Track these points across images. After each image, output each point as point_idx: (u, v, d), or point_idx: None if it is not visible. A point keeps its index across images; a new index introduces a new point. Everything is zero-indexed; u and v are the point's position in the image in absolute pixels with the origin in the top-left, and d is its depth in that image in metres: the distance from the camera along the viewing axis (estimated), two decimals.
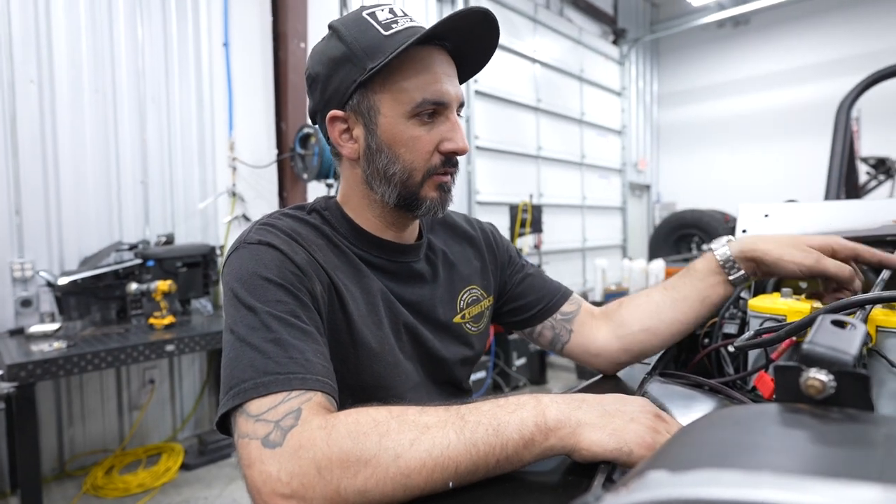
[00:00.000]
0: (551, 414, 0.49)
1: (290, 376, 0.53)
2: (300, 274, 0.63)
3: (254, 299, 0.59)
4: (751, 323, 0.94)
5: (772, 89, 7.88)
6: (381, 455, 0.46)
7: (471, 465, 0.47)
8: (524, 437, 0.48)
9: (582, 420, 0.48)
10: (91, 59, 2.90)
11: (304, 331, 0.59)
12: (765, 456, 0.25)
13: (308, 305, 0.62)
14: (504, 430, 0.48)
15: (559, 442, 0.48)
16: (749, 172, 8.00)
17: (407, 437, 0.47)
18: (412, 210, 0.73)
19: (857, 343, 0.33)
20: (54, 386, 2.75)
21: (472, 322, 0.86)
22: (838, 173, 1.92)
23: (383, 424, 0.49)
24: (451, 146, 0.70)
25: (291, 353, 0.55)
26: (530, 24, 6.13)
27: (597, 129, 7.39)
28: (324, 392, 0.55)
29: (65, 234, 2.80)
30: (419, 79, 0.67)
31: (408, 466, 0.46)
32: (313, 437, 0.48)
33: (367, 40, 0.66)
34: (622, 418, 0.49)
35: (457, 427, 0.48)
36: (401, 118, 0.68)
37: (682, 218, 6.58)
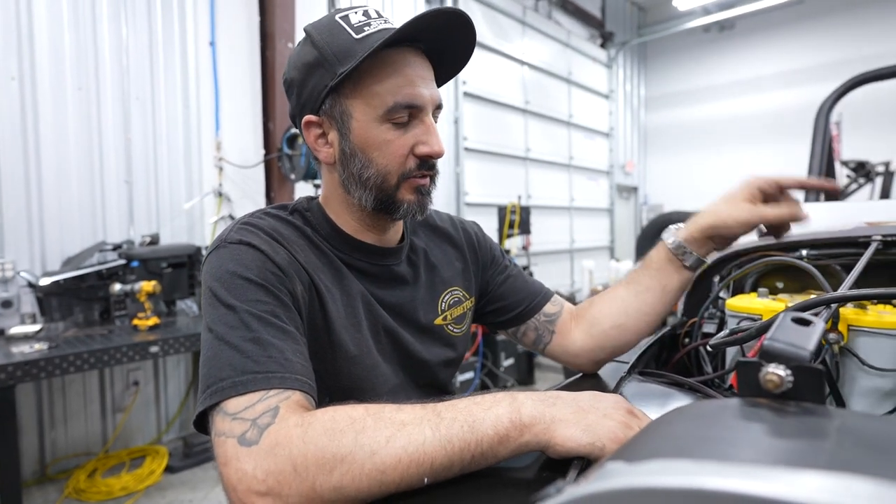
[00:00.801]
0: (526, 410, 0.49)
1: (269, 375, 0.53)
2: (280, 274, 0.63)
3: (233, 298, 0.59)
4: (728, 322, 0.96)
5: (756, 93, 8.01)
6: (356, 452, 0.47)
7: (446, 460, 0.47)
8: (499, 433, 0.48)
9: (556, 416, 0.49)
10: (74, 56, 2.86)
11: (283, 330, 0.58)
12: (719, 447, 0.26)
13: (288, 305, 0.62)
14: (479, 426, 0.48)
15: (534, 438, 0.48)
16: (734, 174, 7.98)
17: (383, 434, 0.48)
18: (390, 213, 0.72)
19: (814, 339, 0.34)
20: (35, 388, 2.71)
21: (454, 324, 0.86)
22: (817, 176, 1.97)
23: (359, 422, 0.49)
24: (425, 149, 0.70)
25: (270, 352, 0.55)
26: (519, 26, 6.16)
27: (585, 132, 7.45)
28: (302, 391, 0.55)
29: (47, 233, 2.76)
30: (391, 82, 0.66)
31: (383, 463, 0.46)
32: (290, 434, 0.48)
33: (338, 44, 0.66)
34: (595, 414, 0.50)
35: (432, 424, 0.49)
36: (373, 122, 0.67)
37: (669, 219, 6.64)
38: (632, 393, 0.74)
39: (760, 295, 0.95)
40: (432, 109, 0.71)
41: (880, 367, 0.70)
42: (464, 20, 0.68)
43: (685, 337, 1.16)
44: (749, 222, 0.74)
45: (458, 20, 0.67)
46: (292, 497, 0.46)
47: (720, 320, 1.05)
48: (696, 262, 0.81)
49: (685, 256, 0.81)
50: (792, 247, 1.03)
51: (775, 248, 1.06)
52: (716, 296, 1.08)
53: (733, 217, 0.75)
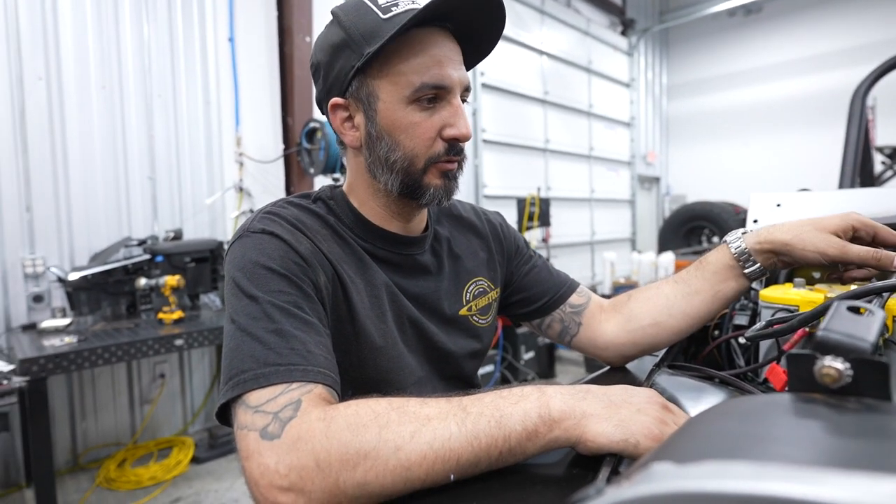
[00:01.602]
0: (555, 405, 0.48)
1: (291, 367, 0.52)
2: (303, 264, 0.62)
3: (256, 289, 0.58)
4: (762, 313, 0.92)
5: (784, 79, 7.75)
6: (380, 447, 0.45)
7: (472, 457, 0.46)
8: (527, 428, 0.47)
9: (587, 411, 0.47)
10: (98, 56, 2.91)
11: (306, 322, 0.58)
12: (776, 447, 0.24)
13: (311, 296, 0.61)
14: (507, 421, 0.47)
15: (563, 433, 0.47)
16: (760, 163, 7.88)
17: (407, 429, 0.46)
18: (416, 198, 0.70)
19: (875, 329, 0.32)
20: (67, 380, 2.79)
21: (480, 314, 0.84)
22: (853, 162, 1.88)
23: (383, 416, 0.48)
24: (453, 132, 0.67)
25: (293, 344, 0.54)
26: (537, 15, 6.07)
27: (605, 122, 7.32)
28: (325, 384, 0.54)
29: (75, 230, 2.82)
30: (418, 62, 0.64)
31: (408, 459, 0.45)
32: (312, 428, 0.47)
33: (365, 25, 0.64)
34: (628, 409, 0.48)
35: (458, 418, 0.47)
36: (400, 104, 0.65)
37: (692, 210, 6.50)
38: (663, 387, 0.71)
39: (797, 285, 0.91)
40: (460, 91, 0.68)
41: None
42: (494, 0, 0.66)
43: (715, 329, 1.12)
44: (828, 255, 0.68)
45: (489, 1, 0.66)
46: (315, 493, 0.45)
47: (752, 311, 1.01)
48: (757, 272, 0.76)
49: (748, 264, 0.76)
50: None
51: None
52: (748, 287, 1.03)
53: (814, 243, 0.69)
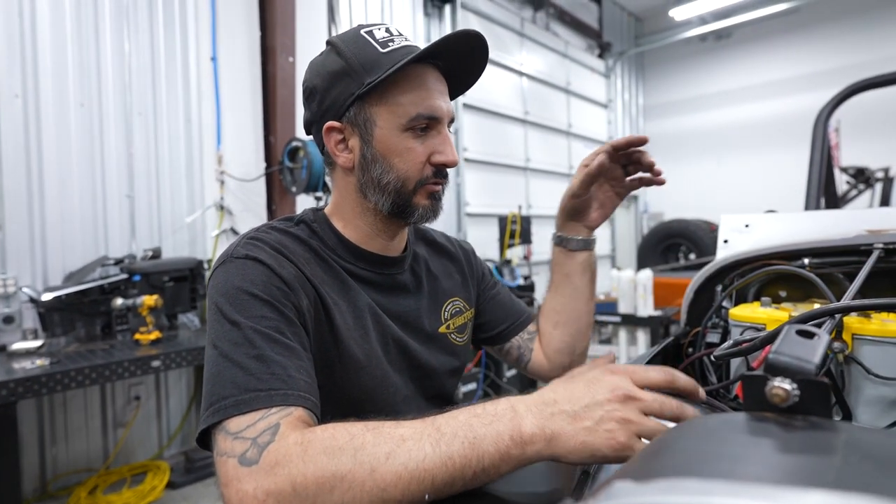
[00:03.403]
0: (526, 427, 0.48)
1: (272, 392, 0.54)
2: (286, 289, 0.64)
3: (238, 314, 0.60)
4: (732, 332, 0.96)
5: (754, 101, 8.05)
6: (356, 470, 0.46)
7: (447, 477, 0.47)
8: (500, 450, 0.48)
9: (556, 431, 0.48)
10: (77, 73, 2.89)
11: (287, 346, 0.59)
12: (725, 464, 0.26)
13: (293, 321, 0.62)
14: (480, 443, 0.48)
15: (535, 454, 0.48)
16: (734, 182, 8.13)
17: (382, 451, 0.48)
18: (405, 217, 0.76)
19: (819, 352, 0.34)
20: (37, 404, 2.70)
21: (457, 333, 0.88)
22: (817, 183, 1.97)
23: (359, 438, 0.49)
24: (441, 158, 0.73)
25: (274, 369, 0.55)
26: (517, 38, 6.22)
27: (584, 141, 7.48)
28: (305, 407, 0.55)
29: (49, 248, 2.76)
30: (414, 94, 0.70)
31: (384, 480, 0.46)
32: (289, 453, 0.48)
33: (366, 56, 0.70)
34: (592, 419, 0.47)
35: (432, 439, 0.48)
36: (396, 130, 0.71)
37: (669, 228, 6.65)
38: None
39: (763, 304, 0.95)
40: (447, 122, 0.75)
41: (885, 376, 0.70)
42: (482, 45, 0.74)
43: (688, 347, 1.15)
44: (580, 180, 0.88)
45: (478, 43, 0.73)
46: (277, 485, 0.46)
47: (724, 330, 1.05)
48: (579, 244, 0.92)
49: (566, 242, 0.93)
50: (794, 255, 1.03)
51: (777, 257, 1.06)
52: (719, 305, 1.07)
53: (570, 187, 0.90)
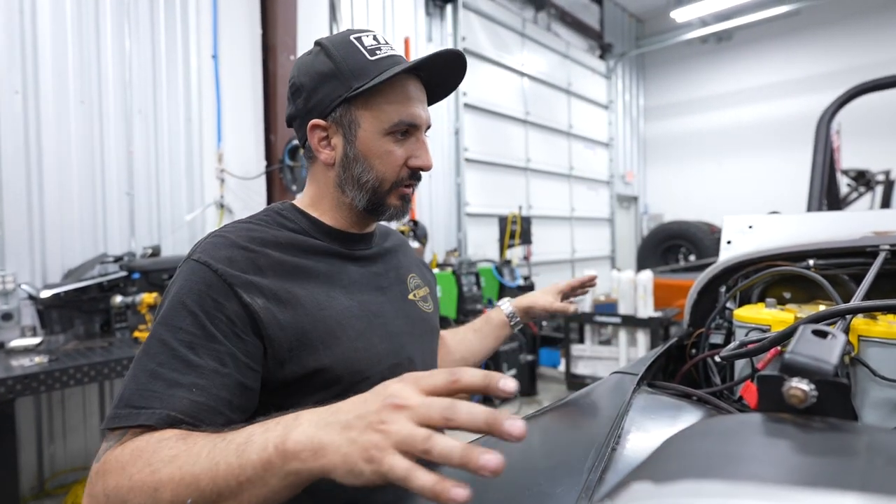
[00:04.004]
0: (295, 436, 0.44)
1: (142, 411, 0.57)
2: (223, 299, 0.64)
3: (161, 321, 0.64)
4: (736, 333, 0.95)
5: (754, 103, 8.06)
6: (142, 471, 0.50)
7: (211, 484, 0.46)
8: (262, 458, 0.45)
9: (324, 442, 0.43)
10: (77, 70, 2.88)
11: (189, 364, 0.60)
12: (747, 466, 0.26)
13: (214, 336, 0.62)
14: (247, 450, 0.46)
15: (301, 465, 0.44)
16: (734, 184, 8.14)
17: (170, 454, 0.50)
18: (377, 215, 0.82)
19: (837, 352, 0.34)
20: (35, 401, 2.68)
21: (422, 301, 0.93)
22: (819, 185, 1.96)
23: (165, 441, 0.52)
24: (418, 162, 0.79)
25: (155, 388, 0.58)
26: (518, 38, 6.22)
27: (584, 142, 7.48)
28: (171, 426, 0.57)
29: (48, 245, 2.75)
30: (398, 102, 0.76)
31: (159, 481, 0.48)
32: (112, 456, 0.54)
33: (355, 62, 0.74)
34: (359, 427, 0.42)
35: (212, 444, 0.48)
36: (377, 134, 0.76)
37: (669, 229, 6.65)
38: (642, 406, 0.73)
39: (768, 305, 0.94)
40: (425, 129, 0.81)
41: (891, 378, 0.69)
42: (462, 61, 0.79)
43: (692, 348, 1.15)
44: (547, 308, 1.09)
45: (458, 61, 0.79)
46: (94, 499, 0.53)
47: (727, 331, 1.04)
48: (519, 325, 1.13)
49: (513, 321, 1.12)
50: (799, 256, 1.03)
51: (782, 258, 1.05)
52: (723, 306, 1.07)
53: (539, 303, 1.09)
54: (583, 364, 4.12)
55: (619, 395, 0.80)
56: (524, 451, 0.61)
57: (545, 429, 0.68)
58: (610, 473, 0.52)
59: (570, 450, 0.59)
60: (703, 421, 0.48)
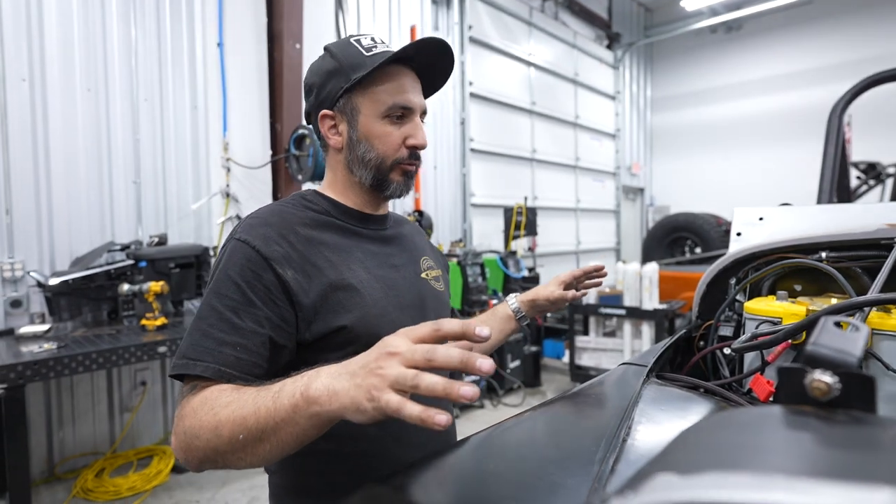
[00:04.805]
0: (315, 385, 0.55)
1: (197, 363, 0.69)
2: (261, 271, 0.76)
3: (213, 291, 0.75)
4: (746, 325, 0.94)
5: (765, 94, 7.96)
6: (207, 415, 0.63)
7: (257, 424, 0.58)
8: (291, 403, 0.56)
9: (336, 388, 0.53)
10: (83, 58, 2.87)
11: (234, 326, 0.72)
12: (773, 458, 0.25)
13: (253, 302, 0.74)
14: (280, 397, 0.57)
15: (321, 408, 0.54)
16: (742, 176, 8.06)
17: (227, 400, 0.62)
18: (382, 190, 0.90)
19: (860, 344, 0.33)
20: (44, 387, 2.72)
21: (435, 281, 1.00)
22: (831, 177, 1.94)
23: (226, 392, 0.64)
24: (413, 141, 0.88)
25: (207, 345, 0.71)
26: (525, 27, 6.15)
27: (591, 133, 7.42)
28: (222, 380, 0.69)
29: (56, 233, 2.77)
30: (391, 88, 0.86)
31: (220, 421, 0.61)
32: (187, 403, 0.67)
33: (353, 57, 0.86)
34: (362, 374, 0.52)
35: (256, 393, 0.61)
36: (376, 117, 0.86)
37: (676, 221, 6.61)
38: (652, 397, 0.72)
39: (779, 298, 0.93)
40: (420, 113, 0.90)
41: None
42: (445, 48, 0.87)
43: (700, 340, 1.14)
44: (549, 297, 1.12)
45: (442, 47, 0.87)
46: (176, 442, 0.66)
47: (737, 323, 1.04)
48: (524, 319, 1.16)
49: (519, 315, 1.16)
50: (810, 248, 1.02)
51: (794, 250, 1.04)
52: (732, 299, 1.06)
53: (542, 294, 1.13)
54: (587, 356, 4.13)
55: (628, 386, 0.79)
56: (535, 442, 0.61)
57: (555, 419, 0.68)
58: (622, 464, 0.52)
59: (581, 440, 0.59)
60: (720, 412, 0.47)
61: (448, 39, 5.17)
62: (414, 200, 4.74)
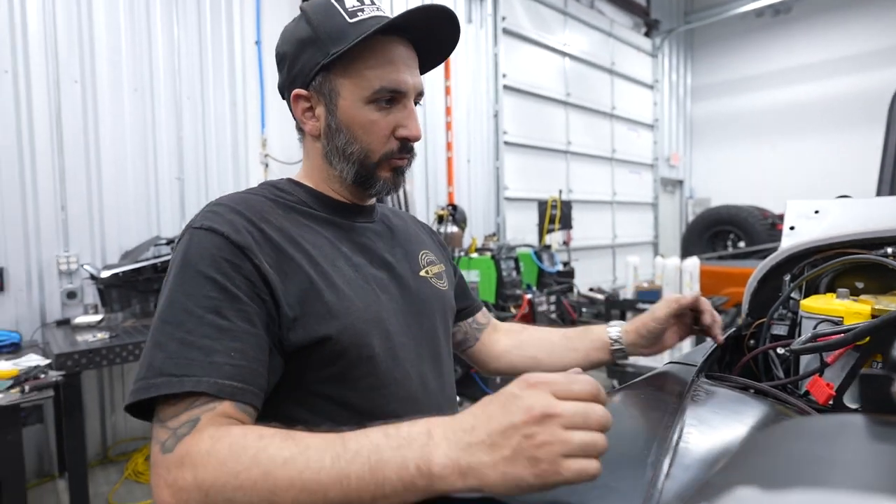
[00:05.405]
0: (437, 459, 0.43)
1: (184, 379, 0.53)
2: (237, 260, 0.61)
3: (178, 291, 0.59)
4: (803, 324, 0.90)
5: (814, 81, 7.56)
6: (252, 469, 0.46)
7: (342, 496, 0.45)
8: (403, 479, 0.44)
9: (471, 464, 0.43)
10: (130, 59, 2.98)
11: (220, 329, 0.57)
12: (862, 474, 0.23)
13: (237, 297, 0.59)
14: (382, 468, 0.44)
15: (447, 486, 0.43)
16: (788, 168, 7.70)
17: (282, 455, 0.47)
18: (366, 188, 0.76)
19: None
20: (97, 374, 2.86)
21: (437, 279, 0.86)
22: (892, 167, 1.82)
23: (267, 440, 0.48)
24: (405, 132, 0.72)
25: (192, 355, 0.55)
26: (560, 17, 6.03)
27: (628, 124, 7.24)
28: (232, 399, 0.55)
29: (106, 228, 2.90)
30: (379, 67, 0.69)
31: (275, 485, 0.46)
32: (199, 446, 0.49)
33: (333, 25, 0.69)
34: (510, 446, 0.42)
35: (334, 453, 0.46)
36: (359, 102, 0.70)
37: (718, 214, 6.38)
38: (703, 398, 0.70)
39: (840, 296, 0.88)
40: (414, 96, 0.74)
41: None
42: (450, 17, 0.72)
43: (750, 339, 1.09)
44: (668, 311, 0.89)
45: (445, 16, 0.71)
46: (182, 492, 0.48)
47: (792, 322, 0.99)
48: (620, 356, 0.95)
49: (616, 350, 0.94)
50: (875, 243, 0.96)
51: (855, 245, 0.98)
52: (787, 296, 1.01)
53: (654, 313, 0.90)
54: None
55: (677, 386, 0.77)
56: None
57: None
58: (676, 468, 0.50)
59: (631, 442, 0.57)
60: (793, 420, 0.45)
61: (481, 32, 5.12)
62: (447, 194, 4.73)
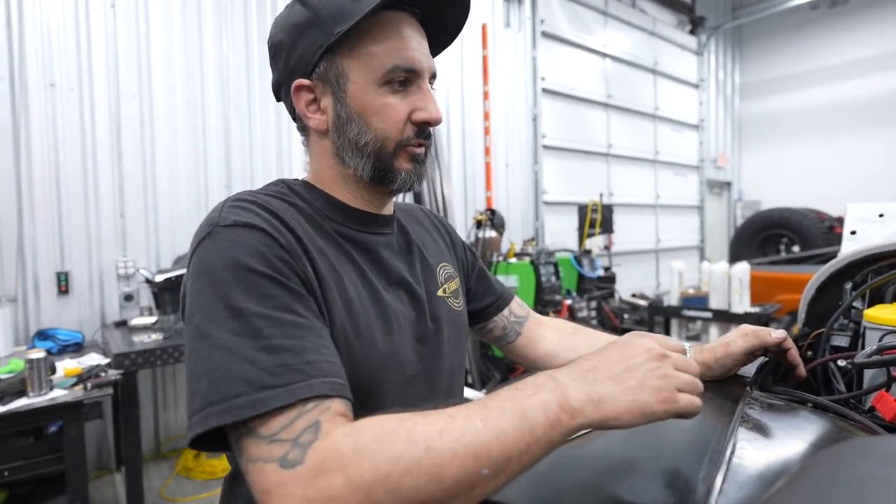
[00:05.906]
0: (573, 393, 0.48)
1: (291, 388, 0.47)
2: (287, 257, 0.56)
3: (236, 296, 0.51)
4: (867, 335, 0.85)
5: (876, 73, 7.13)
6: (411, 450, 0.43)
7: (502, 450, 0.45)
8: (550, 418, 0.46)
9: (602, 395, 0.48)
10: (183, 73, 3.13)
11: (300, 326, 0.52)
12: None
13: (301, 294, 0.55)
14: (529, 413, 0.46)
15: (585, 420, 0.47)
16: (845, 168, 7.29)
17: (435, 428, 0.45)
18: (387, 184, 0.68)
19: None
20: (151, 374, 3.00)
21: (454, 298, 0.81)
22: None
23: (408, 420, 0.46)
24: (423, 115, 0.65)
25: (287, 360, 0.49)
26: (600, 17, 5.93)
27: (672, 124, 7.03)
28: (340, 396, 0.50)
29: (161, 234, 3.05)
30: (389, 44, 0.63)
31: (440, 457, 0.43)
32: (339, 446, 0.44)
33: (334, 4, 0.62)
34: (635, 378, 0.49)
35: (481, 414, 0.46)
36: (371, 85, 0.64)
37: (769, 217, 6.11)
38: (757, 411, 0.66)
39: None
40: (429, 76, 0.68)
41: None
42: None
43: (808, 350, 1.04)
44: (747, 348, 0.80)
45: None
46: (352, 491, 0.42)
47: (854, 333, 0.93)
48: None
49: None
50: None
51: None
52: (848, 305, 0.95)
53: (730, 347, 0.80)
54: None
55: (729, 398, 0.74)
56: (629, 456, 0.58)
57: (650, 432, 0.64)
58: (729, 484, 0.48)
59: (682, 457, 0.55)
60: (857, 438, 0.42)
61: (519, 35, 5.10)
62: (486, 199, 4.73)
